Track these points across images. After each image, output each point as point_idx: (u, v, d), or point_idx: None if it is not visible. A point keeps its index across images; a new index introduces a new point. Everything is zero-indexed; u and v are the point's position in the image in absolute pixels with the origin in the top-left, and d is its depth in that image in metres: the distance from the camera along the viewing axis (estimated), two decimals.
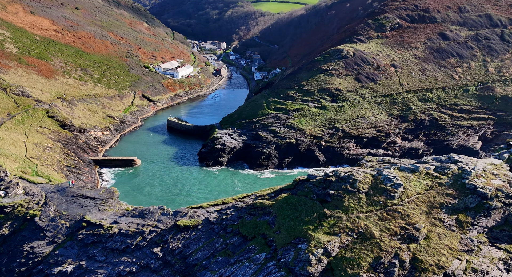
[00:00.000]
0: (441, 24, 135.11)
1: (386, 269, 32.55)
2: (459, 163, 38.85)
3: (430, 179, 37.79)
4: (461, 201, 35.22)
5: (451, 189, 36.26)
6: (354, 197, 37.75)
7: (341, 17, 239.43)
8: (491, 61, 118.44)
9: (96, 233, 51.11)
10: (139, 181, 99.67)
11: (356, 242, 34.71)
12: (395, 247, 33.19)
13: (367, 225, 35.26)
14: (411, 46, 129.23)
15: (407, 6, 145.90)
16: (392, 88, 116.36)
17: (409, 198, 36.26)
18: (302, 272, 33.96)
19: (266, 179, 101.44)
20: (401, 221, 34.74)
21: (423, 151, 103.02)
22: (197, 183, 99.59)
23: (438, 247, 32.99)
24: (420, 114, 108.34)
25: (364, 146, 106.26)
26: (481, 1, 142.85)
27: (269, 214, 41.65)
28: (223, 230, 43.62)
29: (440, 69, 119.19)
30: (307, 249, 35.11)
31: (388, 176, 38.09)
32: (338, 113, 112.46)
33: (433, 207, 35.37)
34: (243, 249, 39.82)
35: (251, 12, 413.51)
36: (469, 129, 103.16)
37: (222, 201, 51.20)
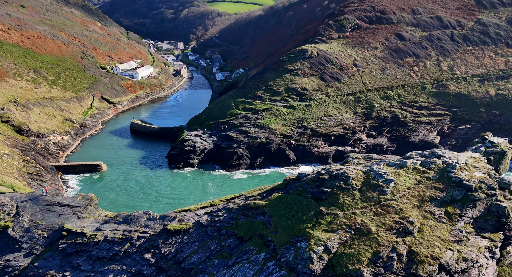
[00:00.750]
0: (397, 25, 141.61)
1: (385, 263, 34.09)
2: (443, 157, 41.36)
3: (418, 174, 39.95)
4: (449, 194, 37.56)
5: (438, 183, 38.56)
6: (348, 193, 39.15)
7: (299, 18, 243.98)
8: (444, 60, 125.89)
9: (78, 241, 49.18)
10: (108, 187, 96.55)
11: (354, 238, 36.05)
12: (392, 241, 34.85)
13: (364, 221, 36.73)
14: (371, 46, 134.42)
15: (364, 7, 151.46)
16: (355, 87, 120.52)
17: (400, 193, 38.15)
18: (304, 270, 34.78)
19: (238, 180, 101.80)
20: (395, 215, 36.51)
21: (387, 147, 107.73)
22: (169, 186, 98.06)
23: (431, 239, 35.03)
24: (383, 111, 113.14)
25: (332, 143, 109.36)
26: (431, 4, 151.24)
27: (263, 214, 42.14)
28: (217, 232, 43.56)
29: (398, 68, 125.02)
30: (308, 247, 36.00)
31: (379, 172, 39.84)
32: (306, 112, 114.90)
33: (423, 201, 37.46)
34: (240, 250, 40.05)
35: (207, 12, 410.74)
36: (428, 125, 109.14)
37: (210, 203, 51.01)
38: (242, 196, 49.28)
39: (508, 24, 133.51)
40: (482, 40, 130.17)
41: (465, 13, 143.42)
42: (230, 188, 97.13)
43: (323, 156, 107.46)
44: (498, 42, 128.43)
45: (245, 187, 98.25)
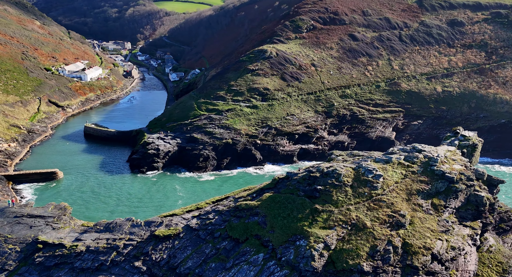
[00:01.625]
0: (349, 26, 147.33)
1: (382, 256, 35.83)
2: (424, 152, 44.10)
3: (403, 168, 42.28)
4: (433, 186, 40.17)
5: (423, 176, 41.09)
6: (341, 190, 40.58)
7: (251, 18, 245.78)
8: (395, 59, 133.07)
9: (58, 253, 46.56)
10: (68, 195, 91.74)
11: (351, 234, 37.49)
12: (387, 234, 36.68)
13: (358, 216, 38.29)
14: (327, 47, 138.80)
15: (318, 9, 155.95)
16: (315, 86, 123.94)
17: (389, 187, 40.19)
18: (307, 268, 35.62)
19: (206, 182, 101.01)
20: (387, 209, 38.43)
21: (348, 144, 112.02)
22: (135, 191, 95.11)
23: (422, 230, 37.32)
24: (342, 109, 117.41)
25: (296, 142, 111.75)
26: (379, 6, 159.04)
27: (257, 214, 42.45)
28: (210, 235, 43.20)
29: (354, 68, 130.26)
30: (308, 245, 36.88)
31: (368, 168, 41.68)
32: (270, 112, 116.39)
33: (411, 194, 39.76)
34: (238, 252, 40.10)
35: (154, 11, 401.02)
36: (384, 122, 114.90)
37: (196, 206, 50.40)
38: (230, 198, 49.22)
39: (448, 25, 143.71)
40: (427, 40, 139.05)
41: (410, 15, 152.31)
42: (199, 190, 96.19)
43: (289, 155, 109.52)
44: (441, 42, 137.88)
45: (213, 188, 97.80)
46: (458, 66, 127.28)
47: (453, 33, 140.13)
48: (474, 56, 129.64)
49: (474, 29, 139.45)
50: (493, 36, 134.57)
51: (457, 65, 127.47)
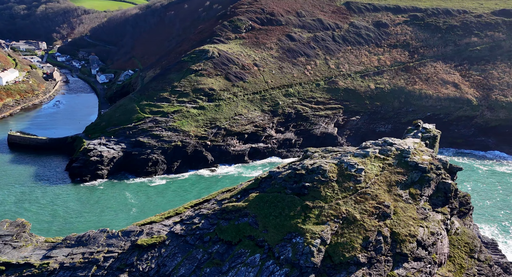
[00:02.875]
0: (286, 27, 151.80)
1: (375, 247, 38.17)
2: (395, 145, 47.48)
3: (380, 161, 45.18)
4: (409, 177, 43.55)
5: (399, 168, 44.31)
6: (328, 186, 42.27)
7: (182, 17, 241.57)
8: (330, 59, 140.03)
9: (26, 274, 42.35)
10: (3, 212, 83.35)
11: (343, 227, 39.33)
12: (376, 225, 39.12)
13: (348, 210, 40.26)
14: (267, 47, 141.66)
15: (254, 9, 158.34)
16: (259, 86, 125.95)
17: (371, 180, 42.77)
18: (307, 264, 36.71)
19: (159, 186, 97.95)
20: (372, 201, 40.91)
21: (295, 141, 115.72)
22: (83, 202, 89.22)
23: (405, 219, 40.37)
24: (287, 108, 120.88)
25: (246, 141, 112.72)
26: (311, 7, 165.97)
27: (246, 215, 42.50)
28: (199, 240, 42.29)
29: (294, 67, 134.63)
30: (305, 242, 37.97)
31: (350, 163, 43.90)
32: (217, 112, 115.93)
33: (391, 185, 42.73)
34: (232, 255, 39.89)
35: (71, 9, 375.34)
36: (326, 118, 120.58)
37: (175, 211, 48.92)
38: (211, 201, 48.57)
39: (375, 26, 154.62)
40: (357, 40, 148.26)
41: (340, 16, 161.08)
42: (153, 195, 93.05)
43: (240, 154, 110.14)
44: (370, 42, 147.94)
45: (168, 192, 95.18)
46: (387, 64, 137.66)
47: (380, 34, 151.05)
48: (399, 55, 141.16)
49: (397, 30, 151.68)
50: (414, 37, 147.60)
51: (386, 64, 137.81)
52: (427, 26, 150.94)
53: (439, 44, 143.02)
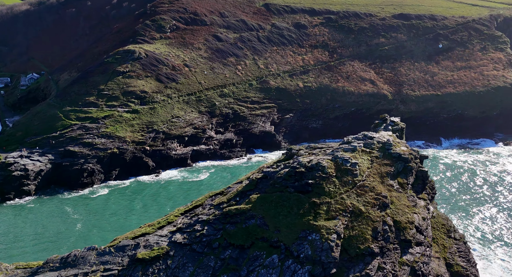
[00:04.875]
0: (211, 27, 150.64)
1: (383, 236, 40.44)
2: (374, 138, 50.58)
3: (367, 155, 47.79)
4: (395, 167, 46.88)
5: (385, 160, 47.39)
6: (329, 181, 43.49)
7: (87, 15, 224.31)
8: (259, 59, 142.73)
9: None
10: None
11: (352, 221, 40.89)
12: (380, 215, 41.49)
13: (353, 203, 41.98)
14: (194, 47, 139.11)
15: (177, 8, 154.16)
16: (193, 87, 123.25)
17: (365, 173, 45.15)
18: (329, 259, 37.47)
19: (100, 197, 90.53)
20: (371, 193, 43.23)
21: (235, 141, 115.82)
22: (12, 224, 78.30)
23: (401, 207, 43.43)
24: (224, 108, 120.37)
25: (187, 144, 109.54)
26: (233, 8, 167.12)
27: (253, 217, 41.66)
28: (207, 247, 40.19)
29: (225, 68, 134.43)
30: (322, 238, 38.65)
31: (344, 158, 45.64)
32: (153, 115, 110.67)
33: (383, 177, 45.57)
34: (247, 259, 38.92)
35: None
36: (263, 117, 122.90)
37: (166, 220, 45.69)
38: (206, 206, 46.45)
39: (295, 28, 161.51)
40: (281, 41, 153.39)
41: (261, 17, 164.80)
42: (97, 208, 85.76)
43: (182, 158, 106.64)
44: (293, 43, 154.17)
45: (110, 203, 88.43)
46: (311, 64, 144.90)
47: (301, 35, 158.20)
48: (321, 55, 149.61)
49: (315, 31, 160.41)
50: (331, 38, 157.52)
51: (310, 63, 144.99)
52: (341, 27, 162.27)
53: (354, 45, 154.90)
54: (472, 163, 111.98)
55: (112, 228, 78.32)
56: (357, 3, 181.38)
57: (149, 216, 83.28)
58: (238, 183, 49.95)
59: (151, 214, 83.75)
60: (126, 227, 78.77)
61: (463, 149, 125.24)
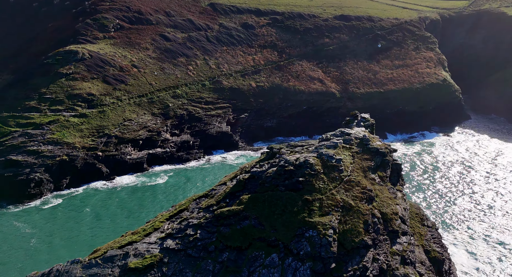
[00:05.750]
0: (158, 26, 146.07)
1: (373, 229, 41.71)
2: (351, 134, 52.06)
3: (348, 151, 49.03)
4: (374, 162, 48.71)
5: (365, 155, 48.95)
6: (318, 178, 43.99)
7: (11, 13, 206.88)
8: (210, 59, 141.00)
9: None
10: None
11: (344, 215, 41.68)
12: (368, 209, 42.76)
13: (343, 198, 42.81)
14: (142, 47, 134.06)
15: (119, 7, 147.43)
16: (144, 89, 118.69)
17: (349, 168, 46.38)
18: (328, 255, 37.87)
19: (51, 207, 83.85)
20: (358, 187, 44.44)
21: (192, 142, 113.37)
22: None
23: (385, 200, 45.12)
24: (178, 110, 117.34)
25: (141, 148, 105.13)
26: (179, 7, 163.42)
27: (246, 218, 40.89)
28: (203, 251, 38.66)
29: (176, 68, 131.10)
30: (319, 234, 38.96)
31: (329, 154, 46.35)
32: (103, 119, 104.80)
33: (365, 171, 47.04)
34: (247, 260, 38.20)
35: None
36: (218, 118, 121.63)
37: (153, 227, 43.29)
38: (193, 209, 44.66)
39: (243, 28, 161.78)
40: (230, 41, 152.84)
41: (208, 17, 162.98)
42: (46, 219, 79.27)
43: (138, 162, 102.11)
44: (242, 43, 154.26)
45: (65, 212, 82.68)
46: (261, 64, 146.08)
47: (249, 35, 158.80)
48: (270, 55, 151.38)
49: (263, 32, 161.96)
50: (279, 38, 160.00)
51: (261, 63, 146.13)
52: (288, 28, 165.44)
53: (301, 45, 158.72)
54: (416, 154, 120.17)
55: (72, 238, 73.53)
56: (300, 4, 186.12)
57: (108, 223, 79.50)
58: (222, 185, 48.91)
59: (107, 221, 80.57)
60: (87, 236, 74.34)
61: (406, 142, 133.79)
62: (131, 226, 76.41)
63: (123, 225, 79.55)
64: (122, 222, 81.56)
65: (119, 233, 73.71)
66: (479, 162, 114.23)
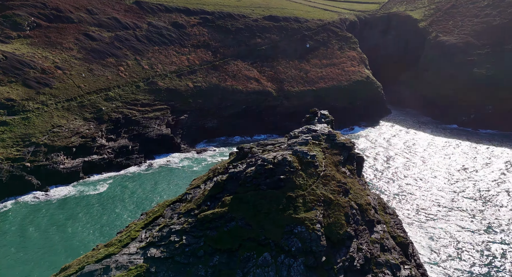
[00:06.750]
0: (81, 25, 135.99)
1: (353, 220, 42.89)
2: (317, 131, 53.05)
3: (318, 147, 49.74)
4: (343, 156, 50.26)
5: (334, 150, 50.21)
6: (298, 175, 43.90)
7: None
8: (142, 59, 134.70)
9: None
10: None
11: (326, 209, 42.24)
12: (346, 201, 43.78)
13: (323, 193, 43.26)
14: (64, 47, 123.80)
15: (33, 3, 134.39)
16: (72, 92, 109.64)
17: (323, 164, 47.31)
18: (319, 248, 37.95)
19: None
20: (334, 182, 45.26)
21: (132, 147, 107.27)
22: None
23: (358, 191, 46.56)
24: (113, 113, 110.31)
25: (75, 155, 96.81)
26: (102, 5, 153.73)
27: (233, 219, 39.35)
28: (192, 256, 36.33)
29: (105, 69, 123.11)
30: (308, 229, 38.92)
31: (303, 151, 46.56)
32: (28, 126, 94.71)
33: (336, 165, 48.16)
34: (239, 261, 36.92)
35: None
36: (157, 120, 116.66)
37: (130, 237, 39.66)
38: (173, 215, 41.82)
39: (174, 27, 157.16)
40: (162, 41, 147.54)
41: (135, 16, 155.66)
42: None
43: (73, 171, 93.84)
44: (175, 42, 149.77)
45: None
46: (197, 63, 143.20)
47: (181, 34, 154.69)
48: (204, 55, 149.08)
49: (195, 31, 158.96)
50: (211, 38, 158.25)
51: (196, 63, 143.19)
52: (219, 28, 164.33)
53: (234, 45, 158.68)
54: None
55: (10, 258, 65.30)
56: (229, 4, 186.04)
57: (40, 241, 72.24)
58: (196, 188, 46.82)
59: (37, 238, 73.09)
60: (25, 255, 66.79)
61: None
62: (68, 241, 70.56)
63: (55, 241, 72.49)
64: (54, 237, 73.80)
65: (57, 251, 67.52)
66: (401, 149, 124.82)
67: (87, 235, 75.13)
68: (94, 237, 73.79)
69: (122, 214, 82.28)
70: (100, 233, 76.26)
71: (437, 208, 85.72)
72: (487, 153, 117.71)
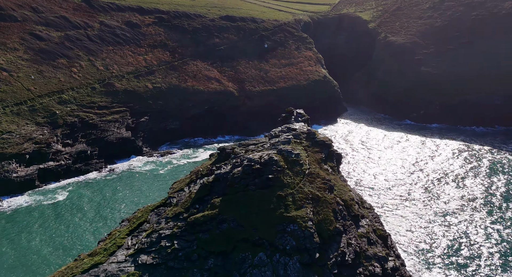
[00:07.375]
0: (26, 24, 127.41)
1: (341, 215, 43.45)
2: (297, 129, 53.11)
3: (300, 145, 49.72)
4: (324, 153, 50.81)
5: (315, 148, 50.46)
6: (285, 174, 43.44)
7: None
8: (96, 60, 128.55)
9: None
10: None
11: (315, 206, 42.33)
12: (332, 198, 44.19)
13: (310, 191, 43.21)
14: (9, 47, 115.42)
15: None
16: (20, 95, 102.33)
17: (307, 162, 47.48)
18: (313, 246, 38.00)
19: None
20: (319, 179, 45.46)
21: (90, 152, 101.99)
22: None
23: (341, 188, 47.01)
24: (68, 117, 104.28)
25: (30, 163, 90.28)
26: (48, 3, 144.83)
27: (224, 221, 38.18)
28: (186, 261, 34.79)
29: (57, 71, 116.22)
30: (300, 227, 38.67)
31: (287, 150, 46.27)
32: None
33: (319, 163, 48.39)
34: (234, 263, 35.98)
35: None
36: (116, 123, 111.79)
37: (116, 245, 37.23)
38: (159, 220, 39.79)
39: (127, 27, 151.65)
40: (116, 40, 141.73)
41: (85, 14, 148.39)
42: None
43: (27, 180, 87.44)
44: (130, 42, 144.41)
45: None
46: (154, 64, 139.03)
47: (135, 34, 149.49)
48: (162, 55, 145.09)
49: (150, 31, 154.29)
50: (168, 38, 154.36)
51: (153, 63, 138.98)
52: (176, 27, 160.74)
53: (192, 45, 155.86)
54: None
55: None
56: (184, 4, 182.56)
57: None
58: (180, 191, 45.09)
59: None
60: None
61: None
62: (23, 256, 65.72)
63: (8, 256, 66.92)
64: (7, 252, 68.10)
65: (11, 268, 62.76)
66: (358, 145, 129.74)
67: (44, 248, 69.90)
68: (53, 250, 68.96)
69: (82, 224, 77.52)
70: (60, 244, 71.08)
71: (397, 200, 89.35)
72: (435, 145, 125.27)
